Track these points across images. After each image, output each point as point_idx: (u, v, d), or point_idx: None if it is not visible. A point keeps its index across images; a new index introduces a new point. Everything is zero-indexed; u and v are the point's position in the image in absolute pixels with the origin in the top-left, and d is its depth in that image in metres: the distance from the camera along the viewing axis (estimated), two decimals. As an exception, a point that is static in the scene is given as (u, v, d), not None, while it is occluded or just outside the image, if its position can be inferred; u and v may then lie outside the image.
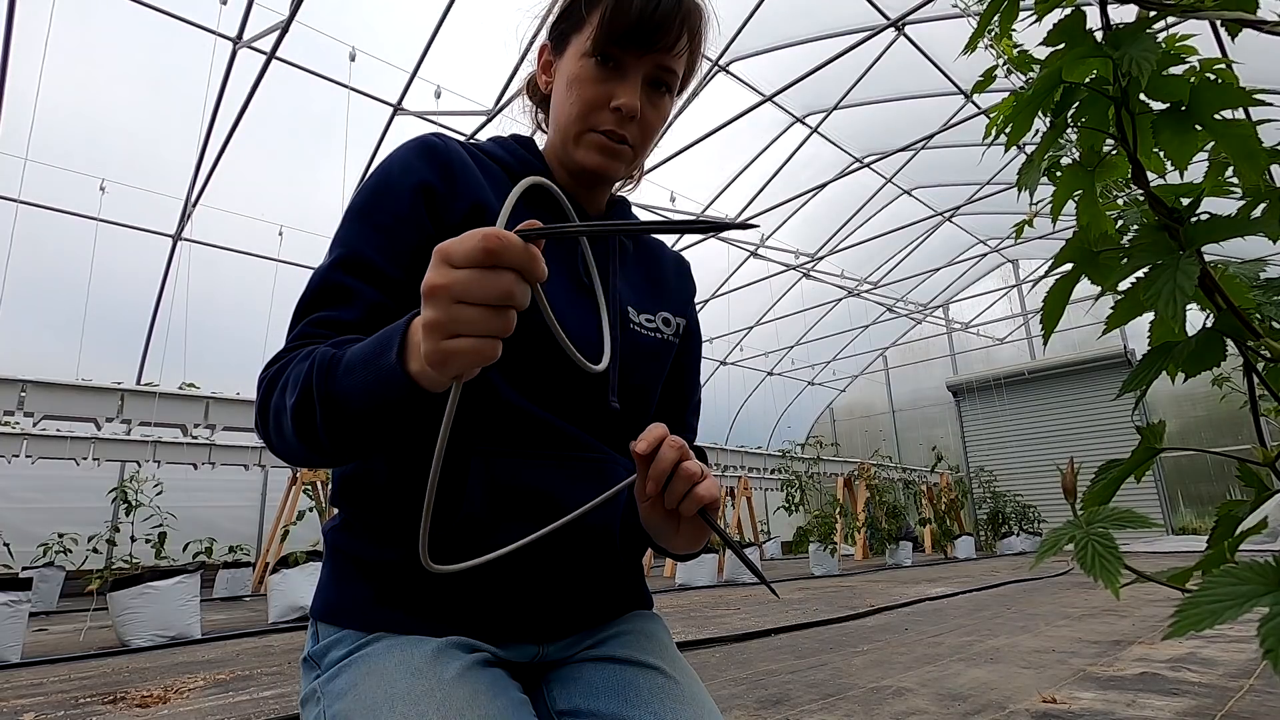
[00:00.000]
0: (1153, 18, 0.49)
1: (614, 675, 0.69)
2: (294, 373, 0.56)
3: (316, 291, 0.65)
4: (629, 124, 0.72)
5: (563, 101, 0.74)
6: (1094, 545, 0.45)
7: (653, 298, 0.84)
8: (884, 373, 17.74)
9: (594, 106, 0.71)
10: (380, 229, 0.67)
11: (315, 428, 0.54)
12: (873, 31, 7.13)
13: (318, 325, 0.63)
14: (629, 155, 0.74)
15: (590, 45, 0.70)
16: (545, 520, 0.68)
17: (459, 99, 7.65)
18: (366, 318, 0.63)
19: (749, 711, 2.43)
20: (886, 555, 10.90)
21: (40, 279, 8.18)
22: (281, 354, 0.61)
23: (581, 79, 0.71)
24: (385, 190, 0.68)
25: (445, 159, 0.70)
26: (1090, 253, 0.57)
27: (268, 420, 0.59)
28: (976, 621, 4.45)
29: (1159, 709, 2.27)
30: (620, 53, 0.70)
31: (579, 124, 0.72)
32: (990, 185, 10.88)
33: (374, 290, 0.64)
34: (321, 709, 0.62)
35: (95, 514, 8.38)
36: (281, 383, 0.58)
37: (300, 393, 0.54)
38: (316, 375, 0.53)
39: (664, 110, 0.75)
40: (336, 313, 0.63)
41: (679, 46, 0.72)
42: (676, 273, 0.90)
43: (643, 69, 0.71)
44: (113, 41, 7.12)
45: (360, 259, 0.65)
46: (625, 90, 0.71)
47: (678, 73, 0.74)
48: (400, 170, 0.69)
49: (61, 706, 2.82)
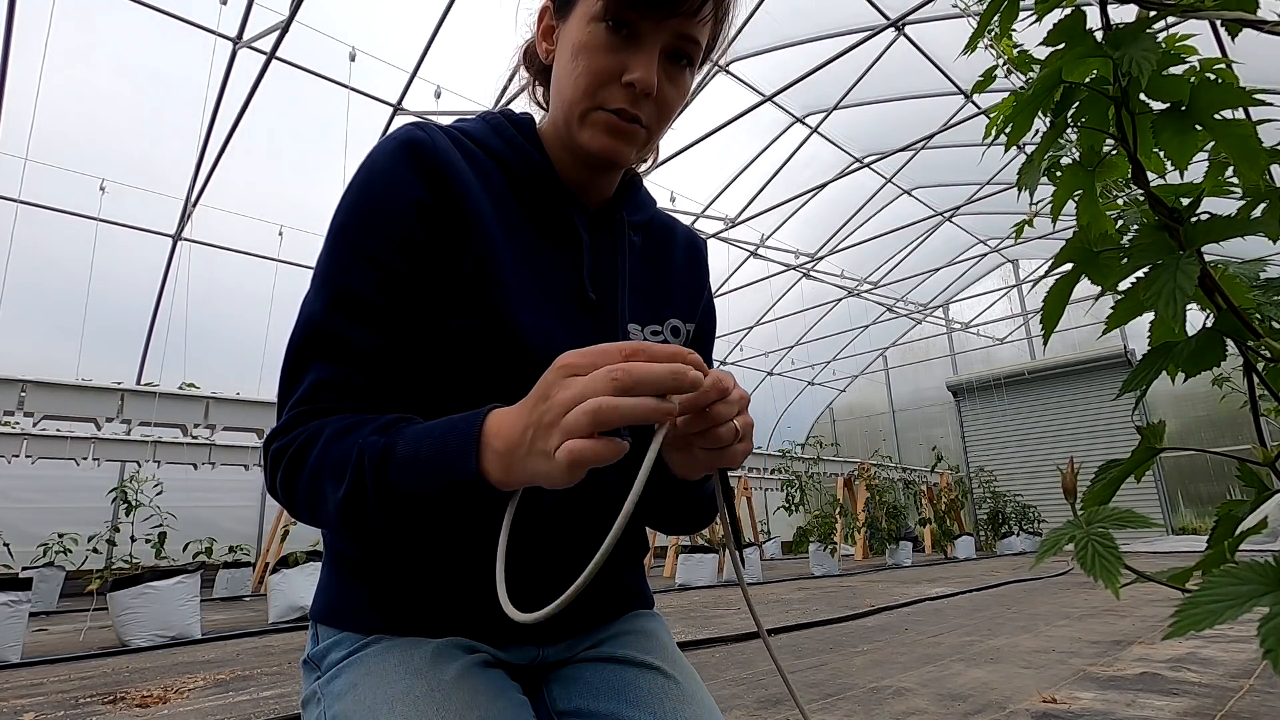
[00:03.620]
0: (1153, 18, 0.49)
1: (614, 675, 0.69)
2: (330, 457, 0.53)
3: (313, 337, 0.60)
4: (643, 102, 0.63)
5: (566, 74, 0.64)
6: (1094, 545, 0.45)
7: (661, 303, 0.77)
8: (884, 373, 17.75)
9: (603, 80, 0.62)
10: (371, 261, 0.61)
11: (369, 519, 0.52)
12: (873, 31, 7.13)
13: (323, 389, 0.59)
14: (641, 137, 0.65)
15: (600, 8, 0.61)
16: (566, 539, 0.68)
17: (459, 99, 7.65)
18: (370, 375, 0.60)
19: (749, 711, 2.43)
20: (886, 555, 10.90)
21: (40, 279, 8.18)
22: (292, 422, 0.58)
23: (589, 48, 0.62)
24: (372, 211, 0.62)
25: (432, 162, 0.63)
26: (1090, 253, 0.57)
27: (294, 499, 0.57)
28: (976, 621, 4.45)
29: (1159, 709, 2.27)
30: (636, 18, 0.60)
31: (585, 100, 0.63)
32: (990, 185, 10.88)
33: (371, 335, 0.60)
34: (322, 710, 0.62)
35: (95, 514, 8.38)
36: (312, 466, 0.54)
37: (350, 485, 0.51)
38: (370, 469, 0.50)
39: (684, 86, 0.66)
40: (339, 373, 0.59)
41: (703, 13, 0.62)
42: (688, 260, 0.83)
43: (661, 38, 0.62)
44: (113, 41, 7.12)
45: (355, 299, 0.60)
46: (640, 62, 0.61)
47: (700, 43, 0.64)
48: (386, 185, 0.62)
49: (61, 706, 2.82)
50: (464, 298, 0.63)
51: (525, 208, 0.69)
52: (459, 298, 0.63)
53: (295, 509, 0.58)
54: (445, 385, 0.64)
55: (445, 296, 0.63)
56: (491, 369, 0.64)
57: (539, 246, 0.69)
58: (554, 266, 0.69)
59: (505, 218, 0.67)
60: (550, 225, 0.70)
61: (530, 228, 0.69)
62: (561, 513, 0.68)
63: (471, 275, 0.63)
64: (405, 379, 0.62)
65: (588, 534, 0.69)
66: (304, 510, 0.57)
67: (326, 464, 0.53)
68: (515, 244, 0.67)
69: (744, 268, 12.07)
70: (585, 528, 0.69)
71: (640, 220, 0.78)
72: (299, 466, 0.55)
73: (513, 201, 0.69)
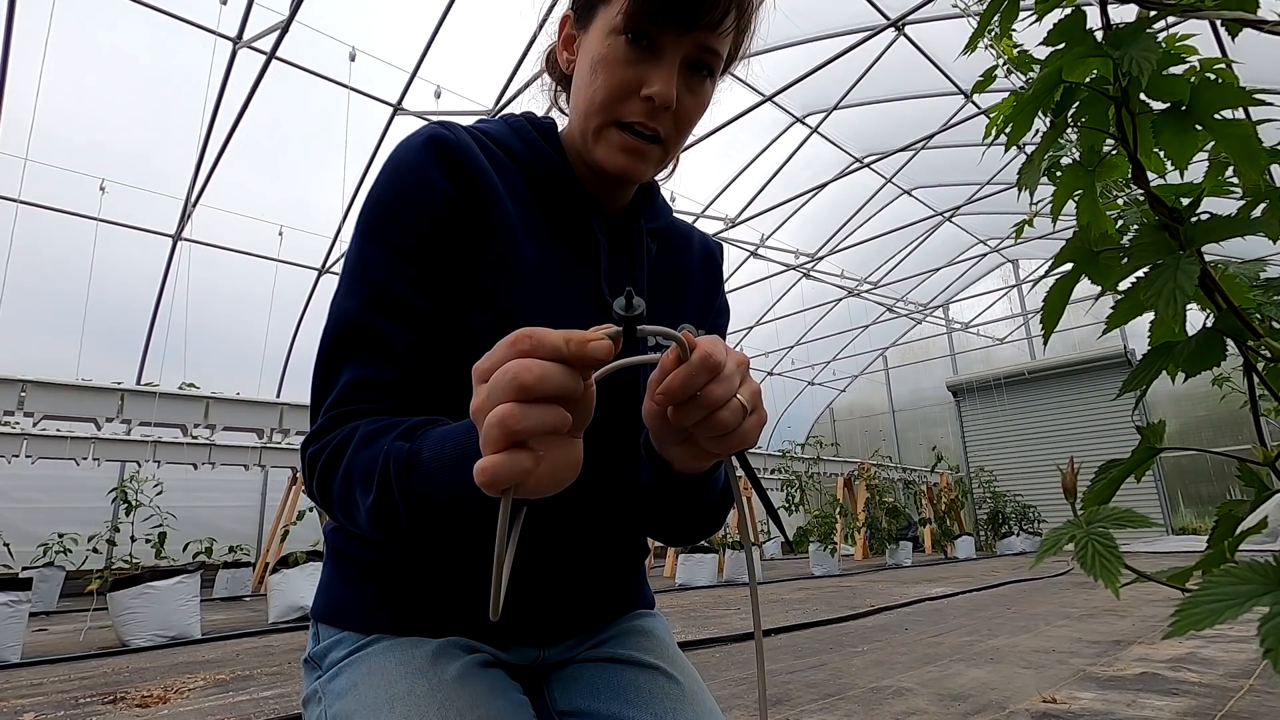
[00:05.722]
0: (1153, 17, 0.49)
1: (615, 675, 0.69)
2: (358, 463, 0.53)
3: (347, 335, 0.59)
4: (662, 114, 0.63)
5: (585, 85, 0.64)
6: (1094, 545, 0.45)
7: (676, 308, 0.77)
8: (884, 373, 17.75)
9: (622, 94, 0.62)
10: (405, 256, 0.60)
11: (399, 524, 0.51)
12: (873, 31, 7.13)
13: (357, 389, 0.58)
14: (657, 155, 0.65)
15: (621, 20, 0.60)
16: (558, 535, 0.67)
17: (459, 99, 7.65)
18: (405, 371, 0.60)
19: (749, 711, 2.42)
20: (886, 555, 10.90)
21: (40, 279, 8.18)
22: (327, 426, 0.57)
23: (608, 60, 0.61)
24: (403, 206, 0.61)
25: (458, 160, 0.63)
26: (1090, 252, 0.57)
27: (331, 503, 0.57)
28: (976, 621, 4.45)
29: (1159, 709, 2.27)
30: (656, 30, 0.60)
31: (602, 114, 0.63)
32: (990, 185, 10.88)
33: (407, 331, 0.60)
34: (323, 709, 0.62)
35: (95, 514, 8.38)
36: (343, 471, 0.54)
37: (378, 492, 0.50)
38: (396, 475, 0.49)
39: (704, 97, 0.65)
40: (374, 370, 0.59)
41: (725, 24, 0.60)
42: (704, 265, 0.83)
43: (681, 50, 0.61)
44: (112, 41, 7.12)
45: (389, 295, 0.59)
46: (659, 76, 0.60)
47: (721, 54, 0.63)
48: (415, 181, 0.62)
49: (61, 706, 2.82)
50: (482, 295, 0.63)
51: (545, 211, 0.69)
52: (477, 295, 0.63)
53: (332, 513, 0.58)
54: (466, 385, 0.64)
55: (466, 293, 0.63)
56: None
57: (558, 249, 0.69)
58: (572, 270, 0.69)
59: (526, 219, 0.67)
60: (569, 229, 0.70)
61: (549, 231, 0.69)
62: (548, 512, 0.65)
63: (491, 273, 0.63)
64: (438, 376, 0.62)
65: (578, 533, 0.69)
66: (340, 514, 0.57)
67: (356, 470, 0.53)
68: (535, 246, 0.67)
69: (744, 268, 12.07)
70: (574, 526, 0.69)
71: (658, 227, 0.78)
72: (332, 471, 0.55)
73: (533, 204, 0.69)
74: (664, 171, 0.76)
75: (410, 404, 0.60)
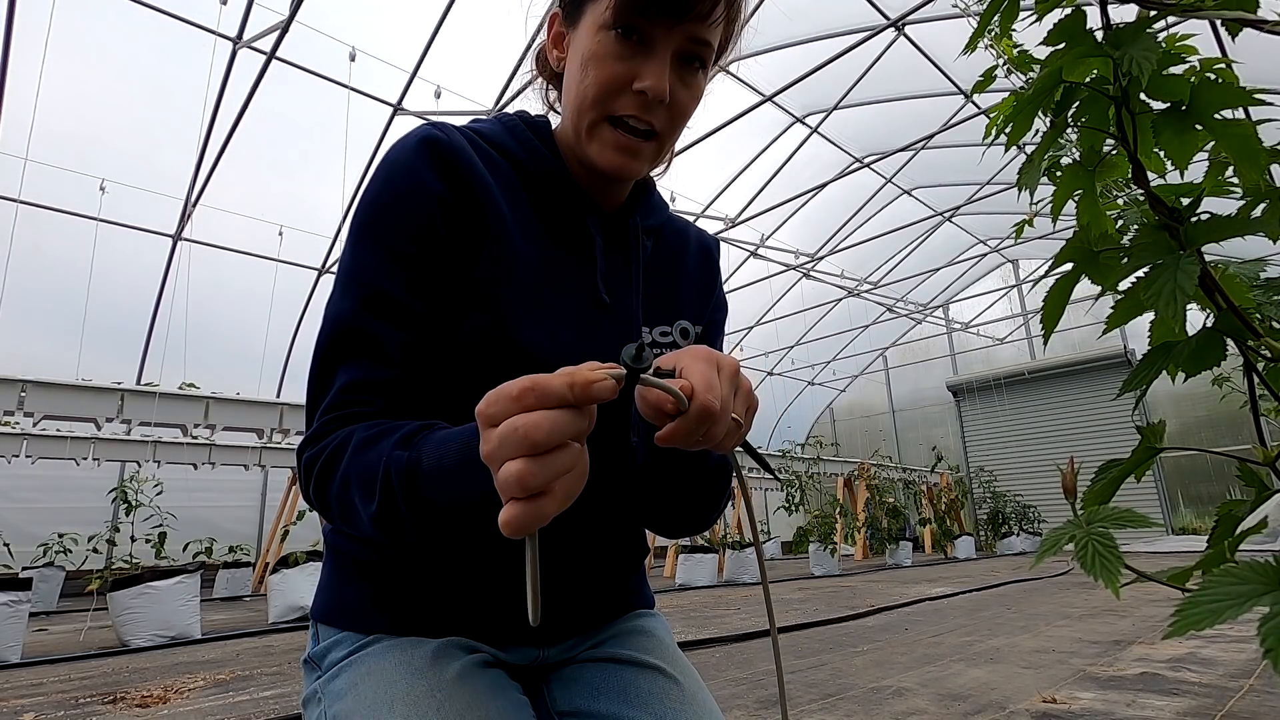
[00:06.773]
0: (1153, 17, 0.49)
1: (615, 675, 0.69)
2: (356, 468, 0.52)
3: (342, 337, 0.59)
4: (655, 108, 0.62)
5: (576, 83, 0.63)
6: (1094, 545, 0.45)
7: (672, 306, 0.77)
8: (884, 373, 17.75)
9: (614, 89, 0.61)
10: (399, 258, 0.60)
11: (404, 531, 0.51)
12: (872, 32, 7.13)
13: (352, 392, 0.58)
14: (650, 151, 0.65)
15: (610, 15, 0.59)
16: (558, 535, 0.67)
17: (459, 99, 7.65)
18: (401, 372, 0.59)
19: (749, 711, 2.42)
20: (886, 555, 10.90)
21: (40, 279, 8.18)
22: (322, 430, 0.57)
23: (599, 56, 0.61)
24: (397, 207, 0.61)
25: (451, 160, 0.63)
26: (1090, 252, 0.57)
27: (328, 508, 0.57)
28: (976, 621, 4.45)
29: (1159, 709, 2.27)
30: (646, 24, 0.59)
31: (595, 109, 0.62)
32: (990, 185, 10.88)
33: (402, 333, 0.59)
34: (323, 709, 0.62)
35: (95, 514, 8.38)
36: (341, 476, 0.54)
37: (381, 499, 0.50)
38: (399, 485, 0.49)
39: (697, 89, 0.65)
40: (369, 373, 0.58)
41: (715, 14, 0.61)
42: (701, 261, 0.83)
43: (673, 43, 0.61)
44: (112, 41, 7.12)
45: (383, 297, 0.59)
46: (651, 70, 0.60)
47: (713, 45, 0.63)
48: (409, 182, 0.61)
49: (61, 706, 2.82)
50: (477, 297, 0.63)
51: (540, 210, 0.69)
52: (472, 296, 0.63)
53: (330, 517, 0.58)
54: (461, 386, 0.64)
55: (461, 294, 0.63)
56: (500, 370, 0.64)
57: (553, 248, 0.69)
58: (568, 269, 0.69)
59: (521, 219, 0.67)
60: (564, 228, 0.70)
61: (544, 230, 0.69)
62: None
63: (485, 274, 0.63)
64: (433, 378, 0.62)
65: (578, 532, 0.69)
66: (338, 518, 0.57)
67: (354, 476, 0.53)
68: (530, 245, 0.67)
69: (744, 268, 12.07)
70: (584, 530, 0.69)
71: (653, 224, 0.78)
72: (329, 476, 0.55)
73: (527, 204, 0.68)
74: (659, 168, 0.76)
75: (405, 405, 0.59)
